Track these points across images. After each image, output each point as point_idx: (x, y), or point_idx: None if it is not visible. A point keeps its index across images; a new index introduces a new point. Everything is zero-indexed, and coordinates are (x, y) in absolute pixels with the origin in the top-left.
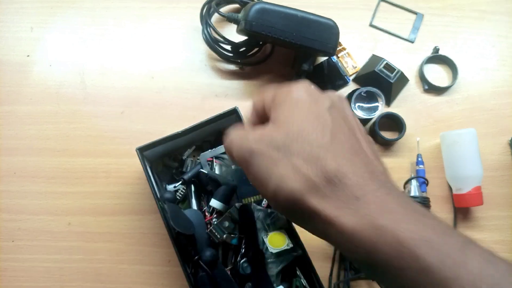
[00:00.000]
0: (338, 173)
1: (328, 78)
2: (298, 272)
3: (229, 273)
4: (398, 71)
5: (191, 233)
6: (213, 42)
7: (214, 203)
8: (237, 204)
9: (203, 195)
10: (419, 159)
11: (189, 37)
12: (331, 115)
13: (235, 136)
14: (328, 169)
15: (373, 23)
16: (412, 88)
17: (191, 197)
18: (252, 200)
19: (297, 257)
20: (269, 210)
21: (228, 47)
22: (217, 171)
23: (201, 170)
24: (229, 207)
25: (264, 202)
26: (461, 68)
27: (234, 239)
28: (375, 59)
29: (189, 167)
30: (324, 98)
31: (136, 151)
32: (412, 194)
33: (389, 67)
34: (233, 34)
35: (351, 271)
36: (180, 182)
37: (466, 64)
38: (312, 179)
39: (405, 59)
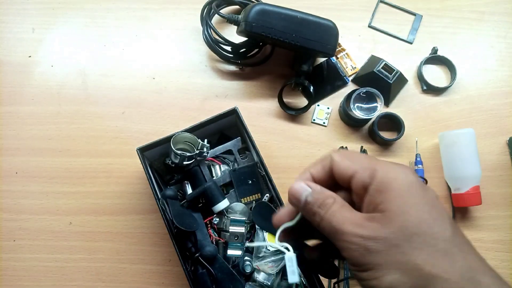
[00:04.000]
0: (472, 272)
1: (327, 78)
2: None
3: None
4: (397, 71)
5: (194, 229)
6: (214, 43)
7: (220, 206)
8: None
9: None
10: (418, 159)
11: (190, 38)
12: (442, 205)
13: (344, 221)
14: (459, 265)
15: (372, 24)
16: (411, 88)
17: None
18: (251, 199)
19: (297, 256)
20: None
21: (228, 48)
22: (218, 172)
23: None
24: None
25: (266, 198)
26: (459, 68)
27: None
28: (374, 60)
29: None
30: (427, 185)
31: (137, 151)
32: None
33: (388, 67)
34: (233, 35)
35: (350, 270)
36: (173, 181)
37: (465, 65)
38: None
39: (404, 60)
